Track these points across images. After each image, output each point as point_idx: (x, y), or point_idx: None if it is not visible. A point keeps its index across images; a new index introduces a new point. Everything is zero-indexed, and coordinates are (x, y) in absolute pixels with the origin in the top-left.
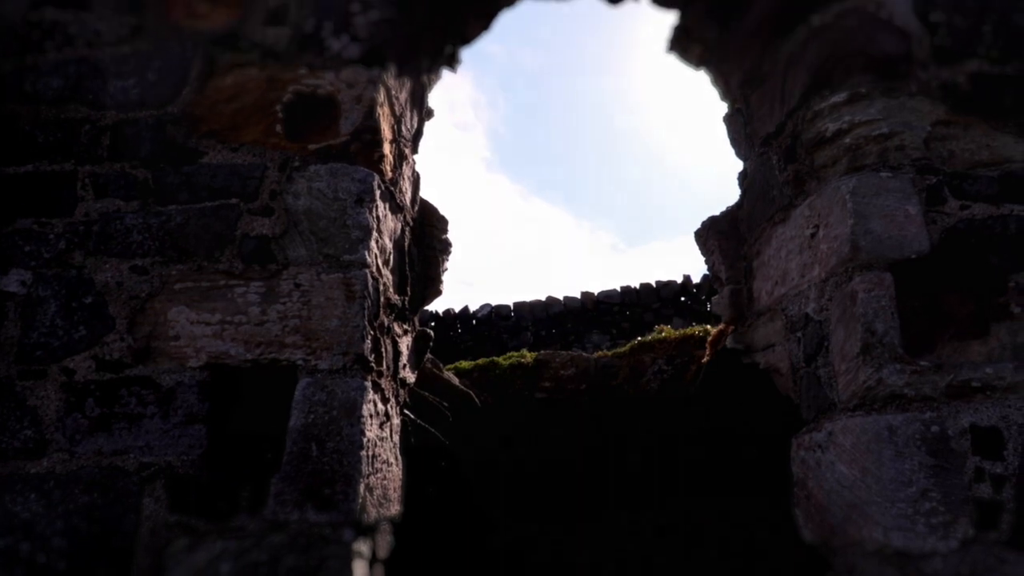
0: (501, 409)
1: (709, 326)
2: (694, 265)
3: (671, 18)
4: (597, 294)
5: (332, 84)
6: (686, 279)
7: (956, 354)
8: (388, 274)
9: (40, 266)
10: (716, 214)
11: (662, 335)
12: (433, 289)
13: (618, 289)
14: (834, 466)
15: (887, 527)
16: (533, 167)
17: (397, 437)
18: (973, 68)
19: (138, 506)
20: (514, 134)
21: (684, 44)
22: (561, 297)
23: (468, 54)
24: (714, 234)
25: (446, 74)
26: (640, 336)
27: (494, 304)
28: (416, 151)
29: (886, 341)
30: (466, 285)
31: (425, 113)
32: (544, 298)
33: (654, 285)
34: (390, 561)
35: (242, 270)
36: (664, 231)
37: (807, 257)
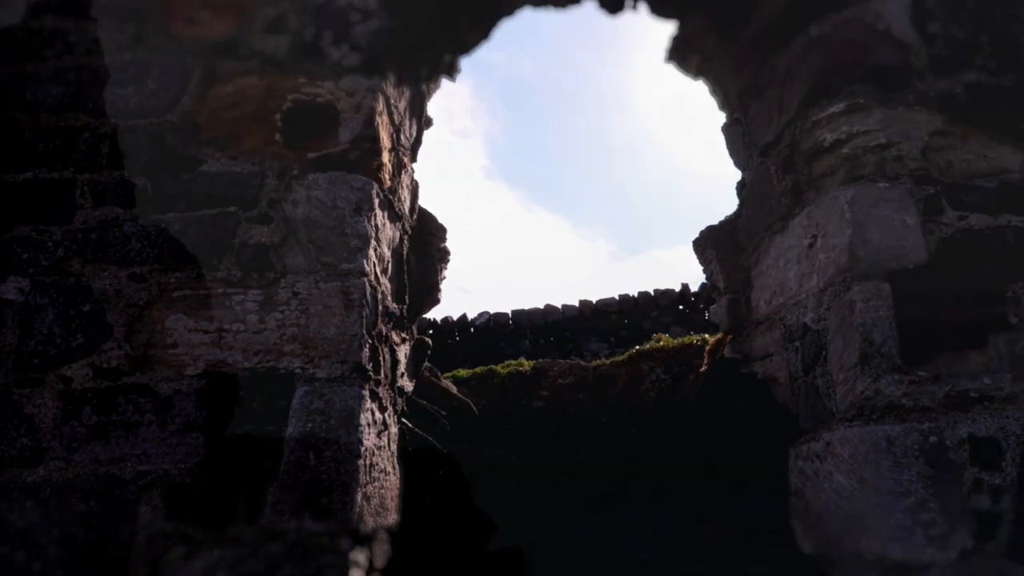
0: (499, 418)
1: (707, 335)
2: (692, 273)
3: (670, 28)
4: (595, 302)
5: (331, 93)
6: (684, 288)
7: (954, 364)
8: (386, 282)
9: (38, 273)
10: (714, 223)
11: (660, 344)
12: (431, 297)
13: (616, 297)
14: (832, 476)
15: (885, 538)
16: (532, 175)
17: (395, 446)
18: (971, 78)
19: (135, 514)
20: (513, 142)
21: (683, 54)
22: (559, 305)
23: (467, 62)
24: (712, 243)
25: (445, 83)
26: (638, 344)
27: (492, 312)
28: (415, 160)
29: (884, 351)
30: (464, 292)
31: (424, 122)
32: (542, 306)
33: (652, 293)
34: (387, 570)
35: (240, 278)
36: (663, 240)
37: (805, 267)
